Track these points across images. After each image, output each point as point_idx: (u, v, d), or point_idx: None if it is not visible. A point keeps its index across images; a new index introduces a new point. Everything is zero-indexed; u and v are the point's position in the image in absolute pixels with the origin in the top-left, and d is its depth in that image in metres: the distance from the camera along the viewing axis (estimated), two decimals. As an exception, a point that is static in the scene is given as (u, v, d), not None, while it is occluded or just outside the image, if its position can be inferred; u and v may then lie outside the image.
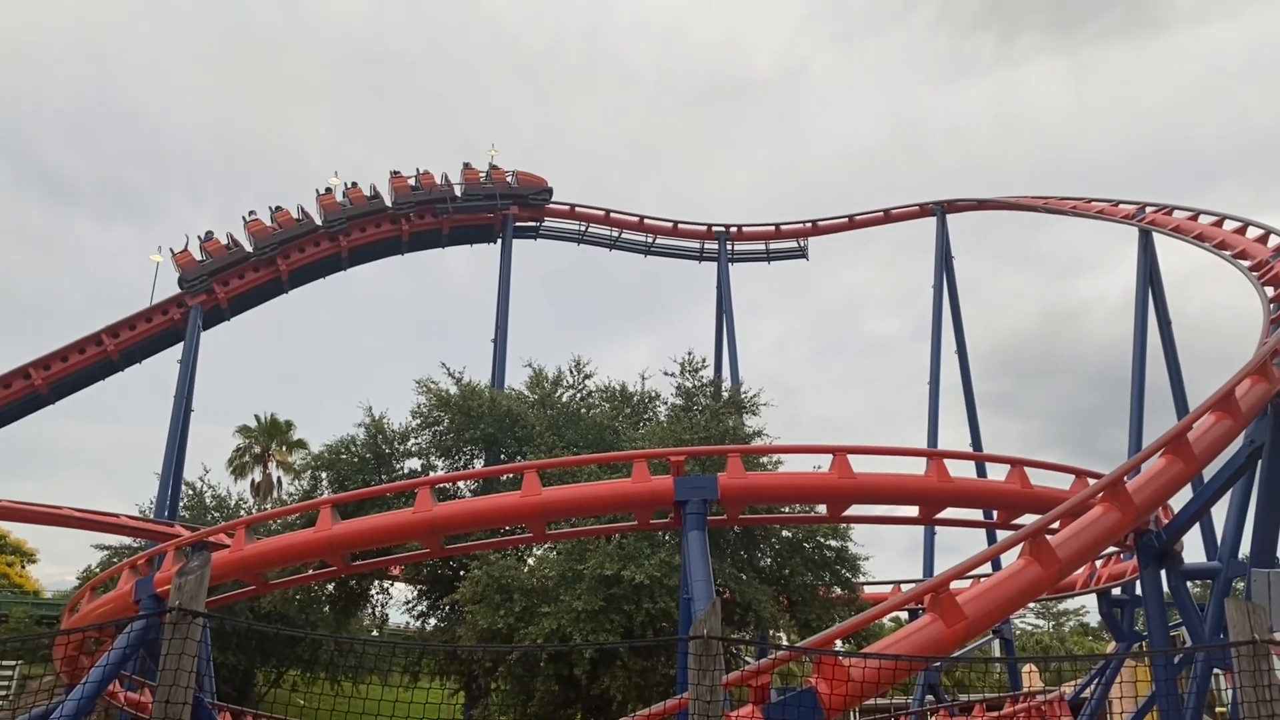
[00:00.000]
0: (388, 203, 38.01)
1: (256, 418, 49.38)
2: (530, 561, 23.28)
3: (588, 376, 28.58)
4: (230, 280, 36.22)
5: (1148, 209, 28.83)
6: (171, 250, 36.44)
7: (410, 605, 26.70)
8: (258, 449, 49.17)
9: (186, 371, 34.48)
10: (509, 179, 40.53)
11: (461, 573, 23.39)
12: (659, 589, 19.89)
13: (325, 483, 27.19)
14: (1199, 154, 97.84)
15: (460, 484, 25.38)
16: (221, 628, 26.82)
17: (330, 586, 26.42)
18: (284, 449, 49.11)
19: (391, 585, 27.76)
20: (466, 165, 39.46)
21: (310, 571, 19.44)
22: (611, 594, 19.98)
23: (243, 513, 33.96)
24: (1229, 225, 24.65)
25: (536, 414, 26.89)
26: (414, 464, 27.45)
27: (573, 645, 19.07)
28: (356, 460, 26.76)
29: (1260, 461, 16.12)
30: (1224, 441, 15.39)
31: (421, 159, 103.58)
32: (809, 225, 41.34)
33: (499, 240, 38.68)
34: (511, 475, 22.29)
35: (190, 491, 34.92)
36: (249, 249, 36.75)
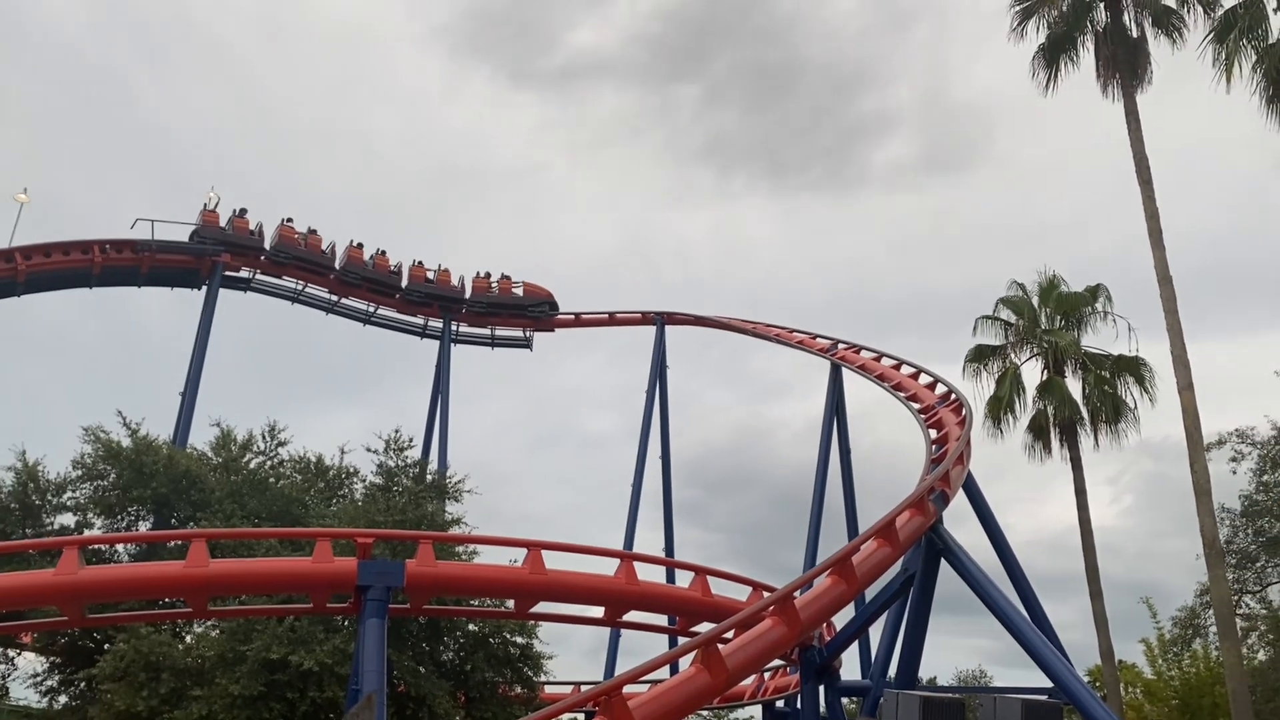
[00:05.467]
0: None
1: (-120, 451, 42.75)
2: (188, 638, 21.29)
3: (281, 444, 26.93)
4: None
5: (840, 345, 31.42)
6: (205, 205, 36.25)
7: (39, 679, 23.55)
8: (-124, 486, 42.45)
9: None
10: (516, 290, 40.36)
11: (106, 645, 21.01)
12: (329, 677, 18.71)
13: (-46, 533, 23.75)
14: (886, 301, 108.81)
15: (119, 547, 22.99)
16: None
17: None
18: (-89, 489, 42.68)
19: (18, 654, 24.43)
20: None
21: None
22: (275, 680, 18.57)
23: None
24: (905, 370, 27.28)
25: (218, 478, 24.95)
26: (67, 520, 24.61)
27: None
28: (-2, 509, 23.64)
29: (912, 589, 17.55)
30: (883, 567, 16.65)
31: (132, 194, 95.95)
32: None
33: (204, 287, 36.10)
34: (179, 542, 20.46)
35: None
36: (266, 245, 36.73)
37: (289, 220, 37.50)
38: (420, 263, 39.83)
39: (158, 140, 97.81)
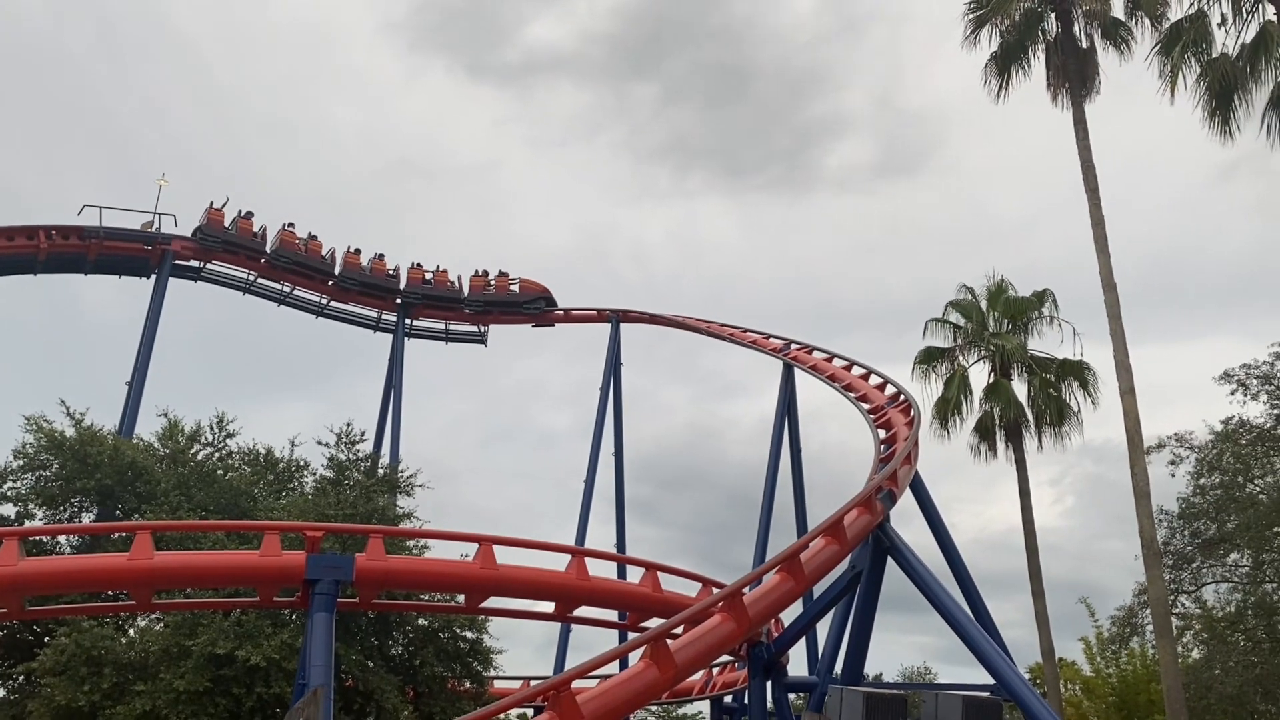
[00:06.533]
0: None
1: None
2: (132, 632, 20.99)
3: (230, 436, 26.57)
4: None
5: (793, 345, 31.66)
6: (212, 202, 36.20)
7: (-26, 673, 23.08)
8: None
9: None
10: (512, 286, 40.21)
11: (46, 638, 20.65)
12: (276, 672, 18.56)
13: (-112, 522, 23.16)
14: (839, 302, 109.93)
15: (61, 539, 22.58)
16: None
17: None
18: None
19: (-46, 649, 23.91)
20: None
21: None
22: (221, 675, 18.38)
23: None
24: (856, 370, 27.55)
25: (165, 470, 24.57)
26: (7, 510, 24.09)
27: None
28: (-65, 499, 23.11)
29: (859, 586, 17.79)
30: (831, 564, 16.84)
31: (79, 181, 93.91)
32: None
33: (154, 276, 35.52)
34: (123, 534, 20.16)
35: None
36: (268, 249, 36.62)
37: (290, 225, 37.48)
38: (418, 264, 39.84)
39: (107, 127, 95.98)
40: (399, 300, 39.33)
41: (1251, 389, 25.97)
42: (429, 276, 39.80)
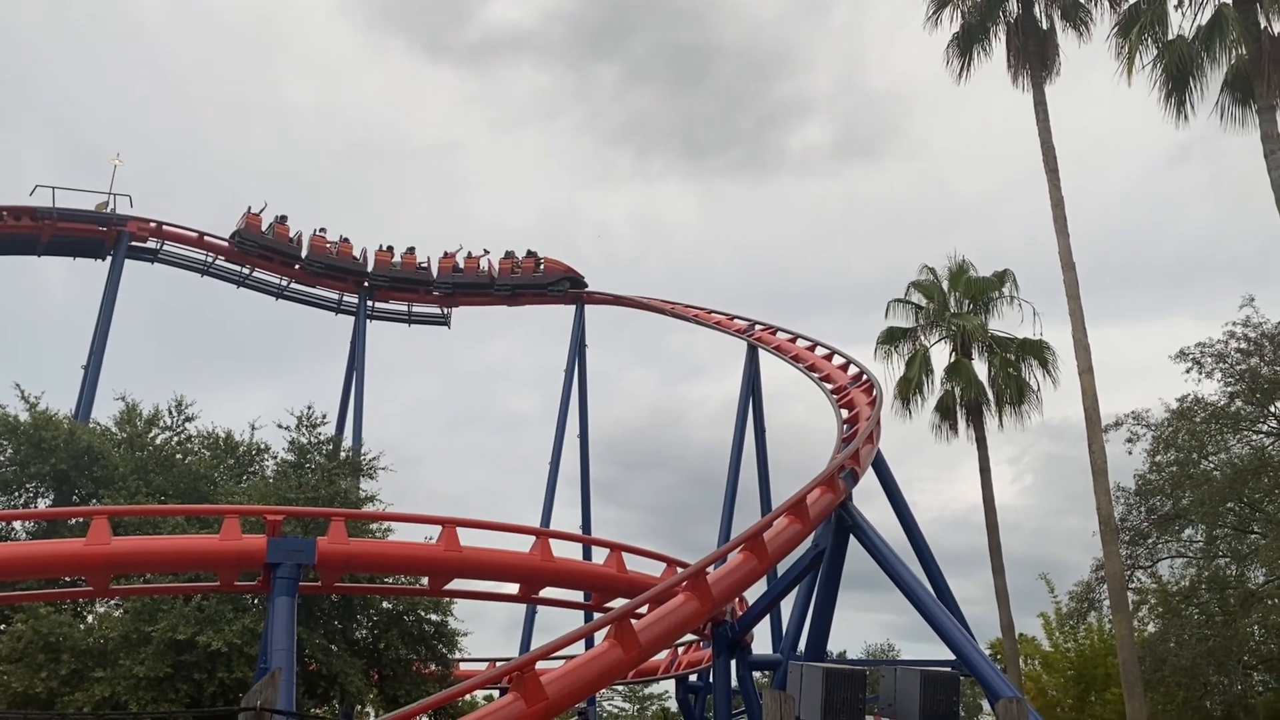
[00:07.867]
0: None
1: None
2: (90, 618, 20.72)
3: (189, 419, 26.24)
4: None
5: (757, 326, 31.78)
6: (250, 207, 37.01)
7: (-72, 662, 22.69)
8: None
9: None
10: (539, 267, 40.07)
11: (3, 625, 20.35)
12: (238, 657, 18.38)
13: None
14: (803, 283, 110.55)
15: (16, 524, 22.22)
16: None
17: None
18: None
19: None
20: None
21: None
22: (182, 660, 18.17)
23: None
24: (820, 351, 27.74)
25: (123, 454, 24.21)
26: (-41, 496, 23.69)
27: (124, 715, 17.09)
28: (-116, 486, 22.66)
29: (822, 565, 17.93)
30: (794, 543, 16.97)
31: (32, 159, 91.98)
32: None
33: (109, 258, 34.93)
34: (80, 520, 19.88)
35: None
36: (302, 254, 37.55)
37: (322, 230, 37.98)
38: (448, 252, 39.84)
39: (58, 106, 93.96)
40: (434, 291, 39.65)
41: (1206, 367, 26.41)
42: (460, 265, 39.77)
